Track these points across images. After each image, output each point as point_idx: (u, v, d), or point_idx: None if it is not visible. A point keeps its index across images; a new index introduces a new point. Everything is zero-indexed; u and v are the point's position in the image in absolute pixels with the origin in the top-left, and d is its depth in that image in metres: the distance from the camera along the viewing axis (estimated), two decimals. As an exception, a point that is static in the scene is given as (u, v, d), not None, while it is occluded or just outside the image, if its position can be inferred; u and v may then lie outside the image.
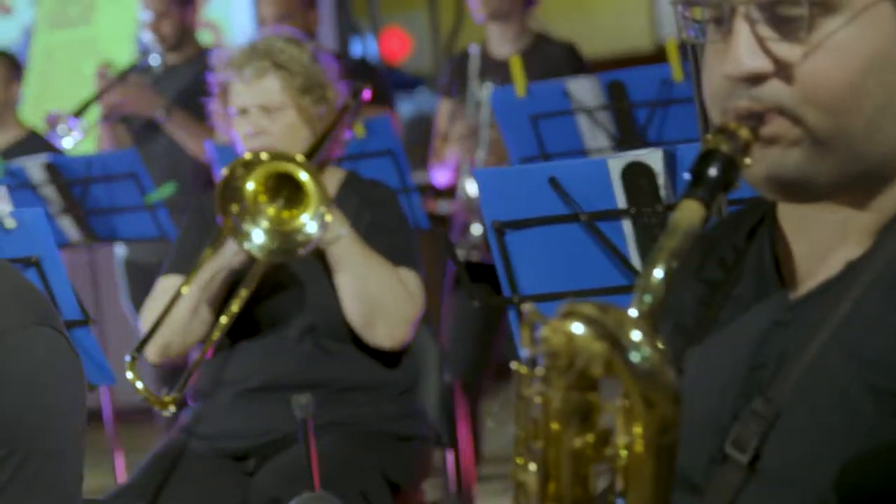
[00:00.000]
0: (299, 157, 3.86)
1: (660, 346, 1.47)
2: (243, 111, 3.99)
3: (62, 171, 5.49)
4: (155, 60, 6.76)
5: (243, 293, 3.89)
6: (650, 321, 1.56)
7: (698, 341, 1.87)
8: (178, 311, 3.90)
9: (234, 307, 3.87)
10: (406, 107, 9.91)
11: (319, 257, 3.96)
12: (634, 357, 1.46)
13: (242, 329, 4.00)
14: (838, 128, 1.69)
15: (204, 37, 8.16)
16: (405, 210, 4.24)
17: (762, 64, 1.69)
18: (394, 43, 10.57)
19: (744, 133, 1.68)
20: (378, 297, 3.89)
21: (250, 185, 3.89)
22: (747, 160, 1.68)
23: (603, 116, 4.93)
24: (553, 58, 5.84)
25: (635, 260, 3.08)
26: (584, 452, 1.51)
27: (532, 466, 1.53)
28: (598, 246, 3.08)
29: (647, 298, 1.57)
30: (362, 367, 3.97)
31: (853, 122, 1.69)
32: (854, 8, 1.68)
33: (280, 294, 4.01)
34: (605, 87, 4.92)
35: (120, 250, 6.72)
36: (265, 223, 3.88)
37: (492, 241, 3.14)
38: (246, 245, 3.85)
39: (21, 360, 2.32)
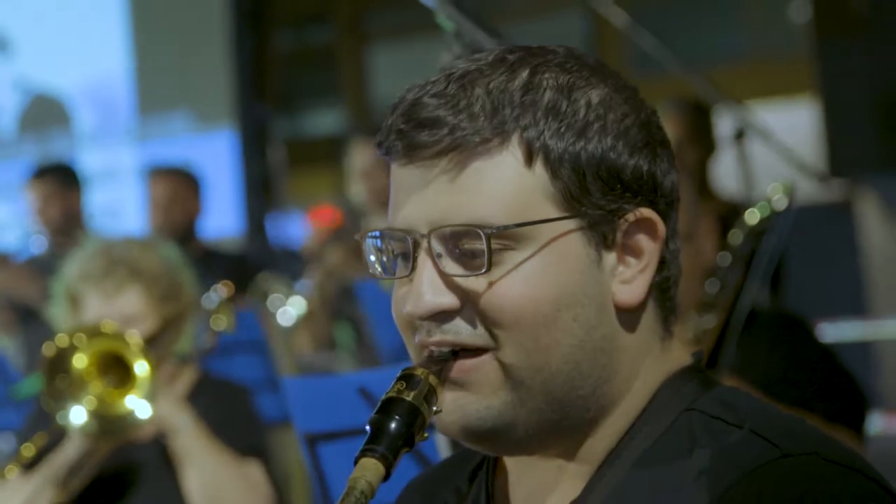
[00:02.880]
0: (135, 341, 3.74)
1: None
2: None
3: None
4: (39, 246, 6.71)
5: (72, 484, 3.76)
6: None
7: None
8: None
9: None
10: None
11: (163, 448, 3.86)
12: None
13: None
14: (537, 367, 1.61)
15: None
16: (271, 402, 4.15)
17: (447, 300, 1.62)
18: (325, 221, 10.62)
19: (429, 378, 1.60)
20: (220, 490, 3.78)
21: (80, 361, 3.76)
22: (434, 409, 1.59)
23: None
24: None
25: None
26: None
27: None
28: (414, 457, 2.95)
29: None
30: None
31: (551, 360, 1.61)
32: (541, 241, 1.62)
33: (127, 491, 3.89)
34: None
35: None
36: (90, 401, 3.74)
37: (304, 453, 3.01)
38: (62, 420, 3.72)
39: None
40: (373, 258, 1.70)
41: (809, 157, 5.47)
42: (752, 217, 3.97)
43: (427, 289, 1.62)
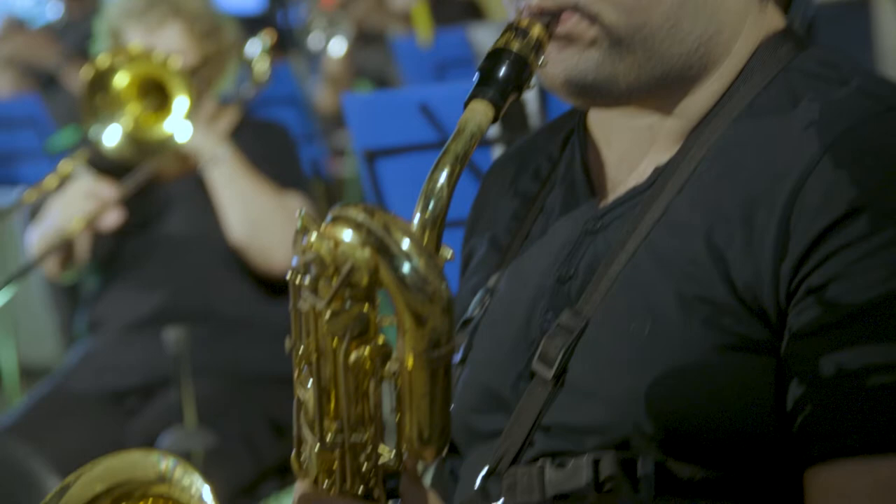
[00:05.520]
0: (176, 68, 3.79)
1: (432, 255, 1.37)
2: None
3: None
4: (55, 12, 6.69)
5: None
6: (435, 228, 1.49)
7: (512, 257, 1.80)
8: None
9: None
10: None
11: (200, 182, 3.91)
12: (401, 266, 1.35)
13: (126, 259, 3.94)
14: (636, 25, 1.62)
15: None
16: (305, 157, 4.19)
17: None
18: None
19: (536, 31, 1.59)
20: (263, 220, 3.83)
21: (121, 81, 3.82)
22: (541, 60, 1.59)
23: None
24: (457, 12, 5.79)
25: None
26: (360, 367, 1.41)
27: (310, 382, 1.45)
28: (472, 176, 2.98)
29: (432, 204, 1.50)
30: (248, 299, 3.91)
31: (652, 19, 1.62)
32: None
33: (162, 221, 3.95)
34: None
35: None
36: (127, 122, 3.81)
37: (362, 169, 3.05)
38: (96, 136, 3.79)
39: None
40: None
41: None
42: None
43: None
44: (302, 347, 1.44)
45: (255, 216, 3.83)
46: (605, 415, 1.58)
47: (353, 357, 1.41)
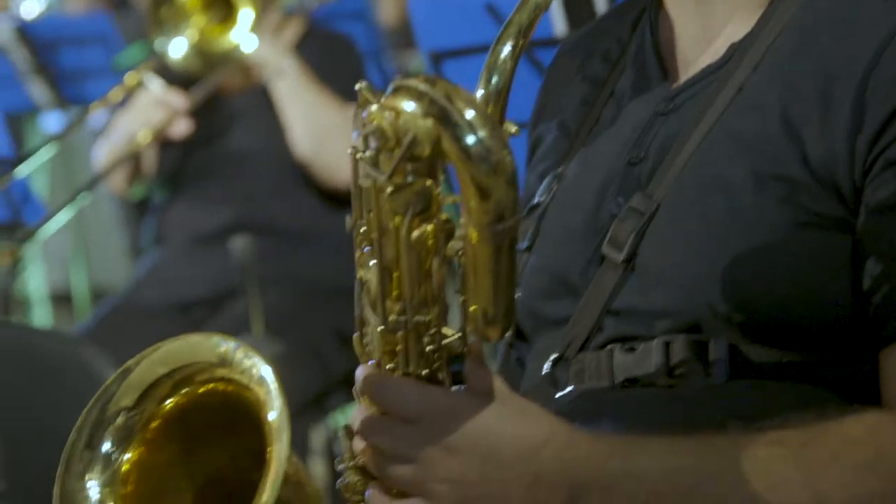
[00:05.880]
0: None
1: (496, 126, 1.32)
2: None
3: (31, 34, 5.35)
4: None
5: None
6: (499, 102, 1.45)
7: (581, 142, 1.74)
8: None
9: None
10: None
11: (265, 96, 3.88)
12: (465, 136, 1.30)
13: (192, 172, 3.94)
14: None
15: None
16: (374, 74, 4.14)
17: None
18: None
19: None
20: (328, 133, 3.80)
21: None
22: None
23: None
24: None
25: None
26: (423, 244, 1.37)
27: (372, 261, 1.41)
28: (539, 75, 2.92)
29: (495, 77, 1.46)
30: (314, 212, 3.89)
31: None
32: None
33: (227, 134, 3.93)
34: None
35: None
36: (192, 34, 3.78)
37: (429, 71, 2.99)
38: (161, 48, 3.76)
39: None
40: None
41: None
42: None
43: None
44: (364, 226, 1.41)
45: (320, 130, 3.80)
46: (676, 297, 1.54)
47: (415, 234, 1.37)
